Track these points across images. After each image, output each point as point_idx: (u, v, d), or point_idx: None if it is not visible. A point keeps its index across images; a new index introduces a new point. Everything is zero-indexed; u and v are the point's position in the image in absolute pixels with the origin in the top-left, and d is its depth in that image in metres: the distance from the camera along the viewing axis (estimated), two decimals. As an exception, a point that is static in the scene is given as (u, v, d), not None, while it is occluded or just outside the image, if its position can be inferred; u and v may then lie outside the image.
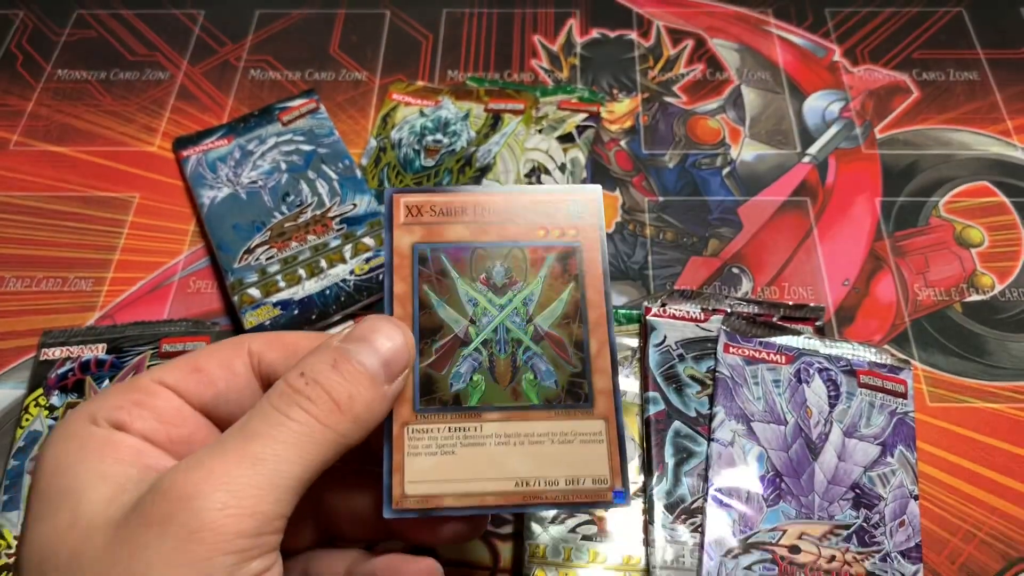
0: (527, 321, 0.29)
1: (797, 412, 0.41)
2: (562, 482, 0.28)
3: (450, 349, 0.29)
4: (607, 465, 0.28)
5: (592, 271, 0.30)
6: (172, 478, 0.22)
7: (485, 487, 0.27)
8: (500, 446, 0.28)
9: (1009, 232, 0.50)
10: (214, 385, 0.27)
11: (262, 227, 0.48)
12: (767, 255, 0.50)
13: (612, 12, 0.63)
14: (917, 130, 0.56)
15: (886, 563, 0.37)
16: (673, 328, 0.44)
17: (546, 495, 0.27)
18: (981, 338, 0.46)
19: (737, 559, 0.37)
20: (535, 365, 0.29)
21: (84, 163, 0.54)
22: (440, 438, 0.28)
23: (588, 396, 0.29)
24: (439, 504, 0.27)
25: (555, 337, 0.29)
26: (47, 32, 0.63)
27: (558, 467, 0.28)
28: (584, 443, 0.28)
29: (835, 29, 0.62)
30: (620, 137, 0.55)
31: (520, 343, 0.29)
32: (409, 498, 0.27)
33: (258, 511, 0.22)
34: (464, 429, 0.28)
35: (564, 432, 0.28)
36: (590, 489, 0.28)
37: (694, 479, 0.39)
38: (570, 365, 0.29)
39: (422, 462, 0.27)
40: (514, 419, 0.28)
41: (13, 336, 0.47)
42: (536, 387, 0.29)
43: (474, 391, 0.28)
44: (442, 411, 0.28)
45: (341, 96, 0.58)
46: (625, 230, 0.51)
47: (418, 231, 0.30)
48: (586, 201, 0.31)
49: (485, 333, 0.29)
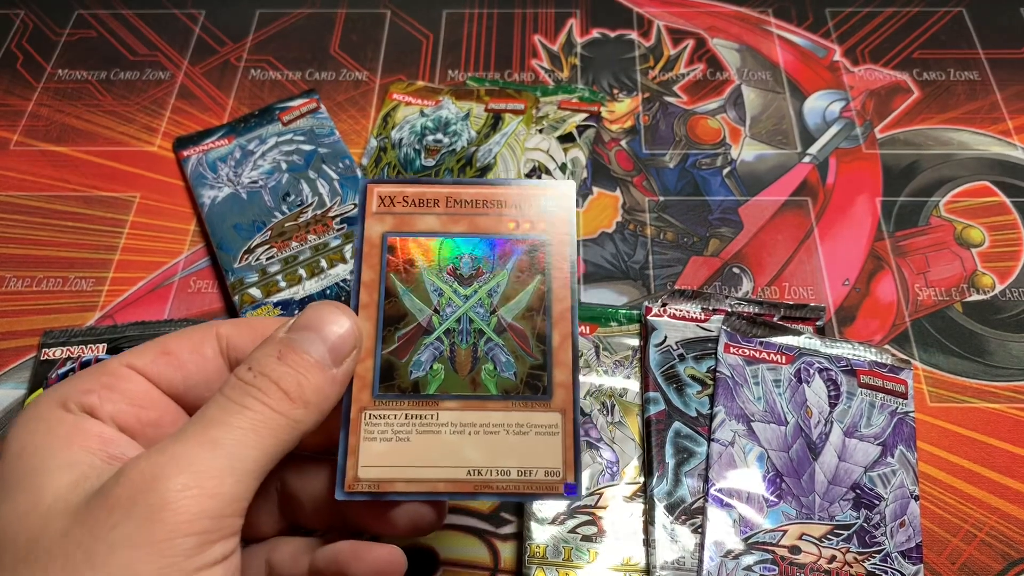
0: (491, 312, 0.30)
1: (797, 412, 0.41)
2: (514, 472, 0.28)
3: (412, 337, 0.29)
4: (560, 458, 0.28)
5: (559, 265, 0.30)
6: (135, 464, 0.23)
7: (437, 474, 0.28)
8: (455, 435, 0.28)
9: (1009, 232, 0.50)
10: (183, 368, 0.27)
11: (262, 227, 0.48)
12: (767, 255, 0.50)
13: (612, 12, 0.63)
14: (917, 130, 0.56)
15: (886, 563, 0.37)
16: (674, 328, 0.44)
17: (497, 485, 0.28)
18: (982, 338, 0.46)
19: (738, 559, 0.37)
20: (496, 356, 0.29)
21: (84, 163, 0.54)
22: (396, 424, 0.28)
23: (547, 389, 0.29)
24: (390, 488, 0.28)
25: (518, 329, 0.29)
26: (47, 32, 0.63)
27: (511, 457, 0.28)
28: (539, 435, 0.28)
29: (835, 29, 0.62)
30: (621, 137, 0.55)
31: (482, 334, 0.29)
32: (362, 481, 0.28)
33: (218, 492, 0.23)
34: (420, 416, 0.28)
35: (520, 423, 0.28)
36: (542, 481, 0.28)
37: (694, 479, 0.39)
38: (531, 357, 0.29)
39: (377, 447, 0.28)
40: (471, 408, 0.28)
41: (13, 336, 0.47)
42: (495, 378, 0.29)
43: (433, 379, 0.29)
44: (400, 398, 0.28)
45: (341, 96, 0.58)
46: (626, 230, 0.51)
47: (389, 220, 0.30)
48: (558, 196, 0.31)
49: (448, 323, 0.29)
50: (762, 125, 0.56)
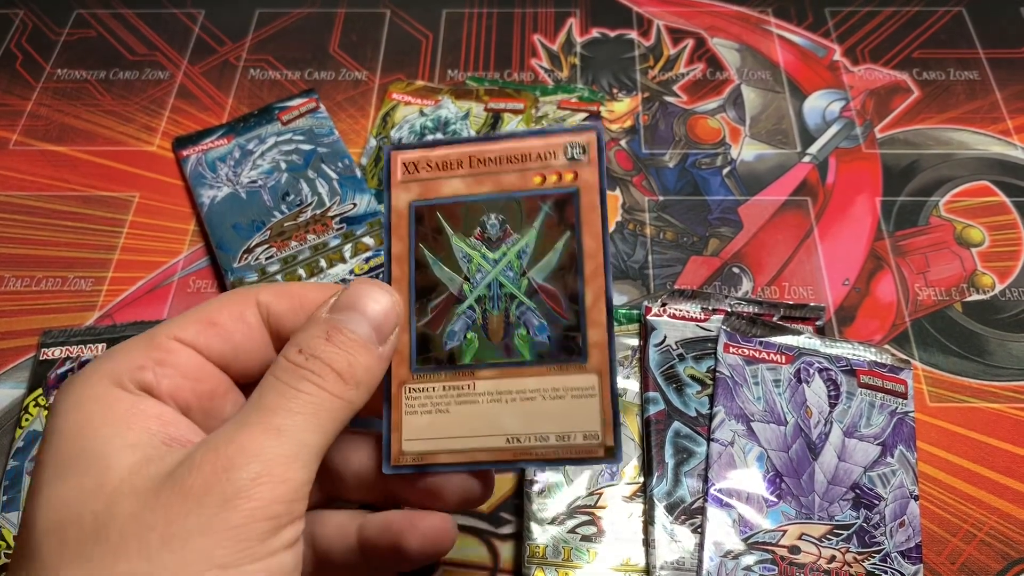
0: (521, 275, 0.29)
1: (797, 412, 0.41)
2: (552, 438, 0.28)
3: (445, 307, 0.29)
4: (599, 420, 0.27)
5: (590, 218, 0.29)
6: (204, 454, 0.23)
7: (477, 443, 0.28)
8: (492, 403, 0.28)
9: (1009, 232, 0.50)
10: (231, 338, 0.27)
11: (262, 226, 0.48)
12: (767, 255, 0.49)
13: (612, 11, 0.63)
14: (917, 130, 0.56)
15: (886, 563, 0.37)
16: (673, 328, 0.44)
17: (536, 451, 0.27)
18: (981, 338, 0.46)
19: (737, 559, 0.37)
20: (528, 320, 0.29)
21: (84, 163, 0.54)
22: (435, 397, 0.28)
23: (582, 350, 0.28)
24: (434, 460, 0.28)
25: (549, 290, 0.29)
26: (47, 32, 0.63)
27: (549, 423, 0.28)
28: (576, 398, 0.28)
29: (835, 28, 0.62)
30: (620, 136, 0.55)
31: (513, 298, 0.29)
32: (406, 455, 0.28)
33: (288, 478, 0.23)
34: (458, 387, 0.28)
35: (556, 388, 0.28)
36: (581, 445, 0.27)
37: (694, 479, 0.39)
38: (564, 319, 0.28)
39: (418, 420, 0.28)
40: (507, 376, 0.28)
41: (13, 336, 0.47)
42: (529, 342, 0.28)
43: (467, 349, 0.28)
44: (437, 370, 0.28)
45: (341, 95, 0.58)
46: (625, 229, 0.51)
47: (415, 188, 0.29)
48: (585, 142, 0.29)
49: (479, 290, 0.29)
50: (762, 125, 0.56)
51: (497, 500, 0.41)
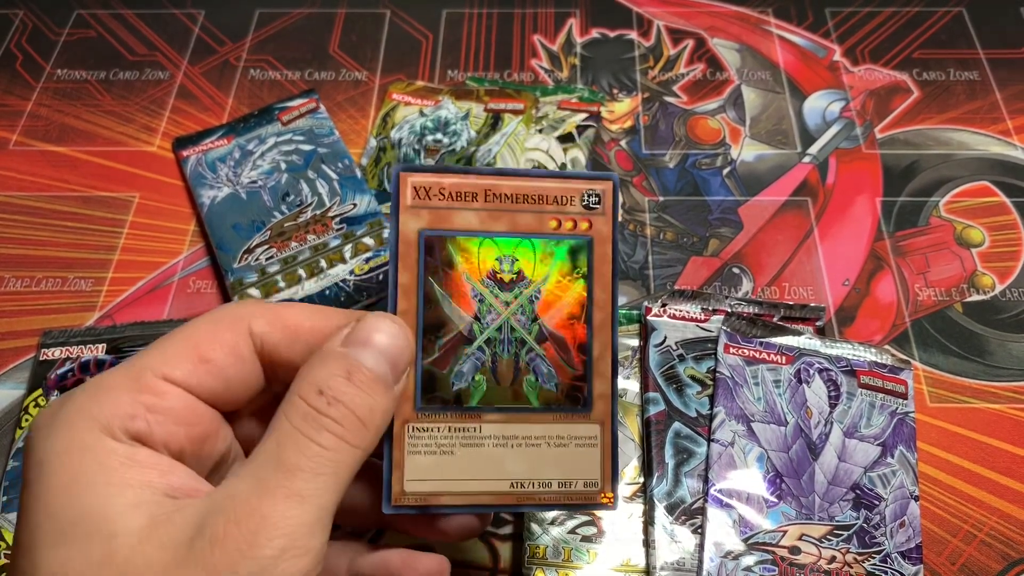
0: (532, 320, 0.29)
1: (797, 412, 0.41)
2: (555, 484, 0.28)
3: (453, 347, 0.28)
4: (599, 469, 0.28)
5: (602, 269, 0.29)
6: (225, 525, 0.22)
7: (481, 487, 0.28)
8: (498, 447, 0.28)
9: (1009, 232, 0.50)
10: (223, 375, 0.26)
11: (262, 227, 0.48)
12: (767, 255, 0.49)
13: (612, 12, 0.63)
14: (917, 130, 0.56)
15: (886, 564, 0.37)
16: (673, 328, 0.44)
17: (539, 496, 0.28)
18: (982, 338, 0.46)
19: (737, 560, 0.37)
20: (537, 367, 0.29)
21: (84, 163, 0.54)
22: (440, 437, 0.28)
23: (587, 401, 0.29)
24: (436, 502, 0.28)
25: (558, 337, 0.29)
26: (47, 32, 0.63)
27: (552, 469, 0.28)
28: (579, 447, 0.28)
29: (835, 29, 0.62)
30: (620, 137, 0.55)
31: (523, 343, 0.29)
32: (408, 495, 0.28)
33: (311, 547, 0.23)
34: (464, 429, 0.28)
35: (560, 436, 0.28)
36: (581, 492, 0.28)
37: (694, 480, 0.39)
38: (572, 367, 0.29)
39: (422, 460, 0.28)
40: (513, 421, 0.28)
41: (13, 336, 0.47)
42: (536, 389, 0.29)
43: (475, 391, 0.28)
44: (443, 410, 0.28)
45: (341, 96, 0.58)
46: (626, 230, 0.51)
47: (425, 216, 0.28)
48: (601, 190, 0.29)
49: (489, 332, 0.28)
50: (762, 125, 0.56)
51: (497, 500, 0.41)
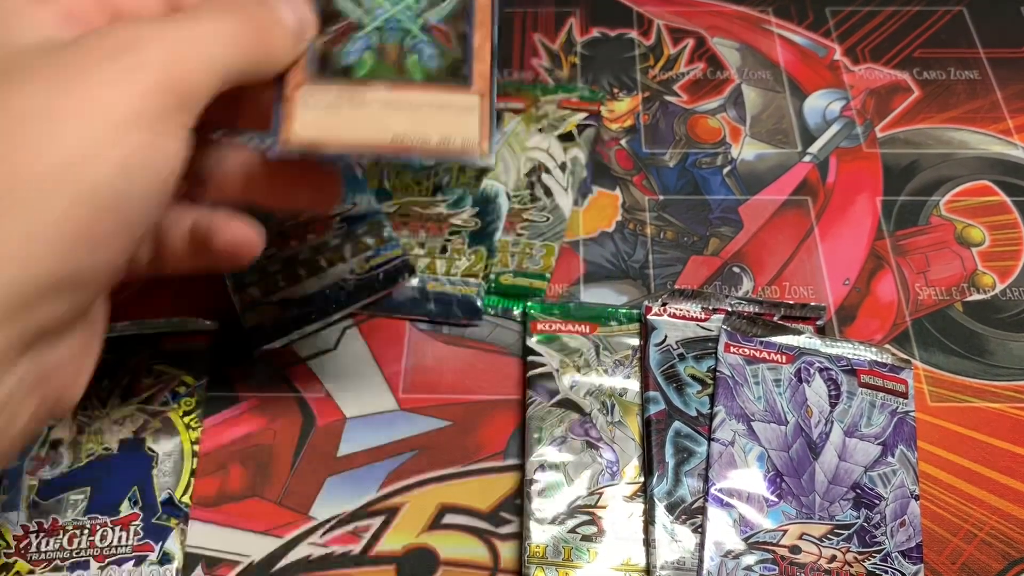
0: (417, 16, 0.32)
1: (798, 412, 0.41)
2: (435, 140, 0.30)
3: (344, 32, 0.32)
4: (478, 130, 0.31)
5: None
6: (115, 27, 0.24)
7: (364, 139, 0.30)
8: (383, 109, 0.31)
9: (1010, 231, 0.50)
10: None
11: (262, 226, 0.48)
12: (768, 254, 0.49)
13: (612, 11, 0.63)
14: (918, 129, 0.56)
15: (887, 563, 0.37)
16: (674, 327, 0.44)
17: (419, 148, 0.30)
18: (982, 337, 0.46)
19: (738, 559, 0.37)
20: (421, 49, 0.32)
21: (83, 162, 0.54)
22: (329, 99, 0.31)
23: (467, 76, 0.31)
24: (323, 148, 0.30)
25: (442, 30, 0.32)
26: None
27: (433, 128, 0.31)
28: (459, 113, 0.31)
29: (836, 28, 0.62)
30: (620, 136, 0.55)
31: (409, 31, 0.32)
32: (294, 142, 0.30)
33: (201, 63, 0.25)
34: (351, 93, 0.31)
35: (442, 103, 0.31)
36: (459, 147, 0.31)
37: (695, 479, 0.39)
38: (453, 52, 0.32)
39: (311, 114, 0.30)
40: (397, 88, 0.31)
41: None
42: (420, 66, 0.31)
43: (362, 65, 0.31)
44: (332, 79, 0.31)
45: (341, 95, 0.58)
46: (625, 229, 0.51)
47: None
48: None
49: (378, 22, 0.32)
50: (762, 124, 0.56)
51: (497, 500, 0.41)
